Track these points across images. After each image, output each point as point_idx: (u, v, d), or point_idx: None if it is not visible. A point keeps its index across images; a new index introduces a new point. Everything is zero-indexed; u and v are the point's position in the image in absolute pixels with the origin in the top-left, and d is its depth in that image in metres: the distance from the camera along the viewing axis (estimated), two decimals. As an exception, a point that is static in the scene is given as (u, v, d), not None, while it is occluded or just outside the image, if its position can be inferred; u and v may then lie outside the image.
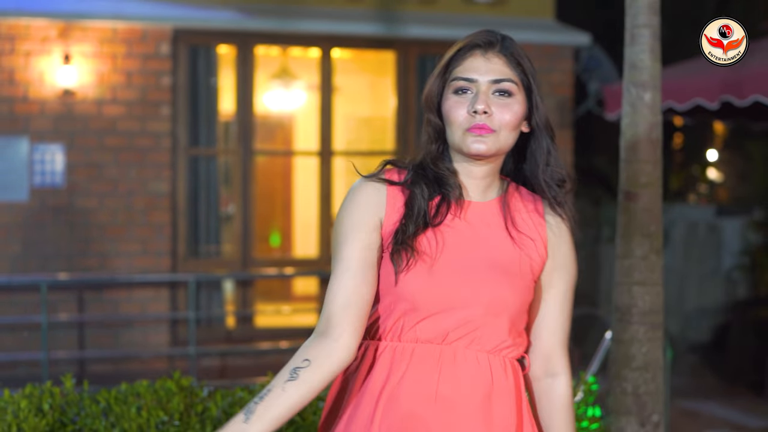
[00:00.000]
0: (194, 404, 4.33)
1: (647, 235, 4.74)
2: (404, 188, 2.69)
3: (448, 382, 2.61)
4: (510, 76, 2.65)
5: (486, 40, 2.64)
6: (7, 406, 4.16)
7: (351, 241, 2.64)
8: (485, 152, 2.64)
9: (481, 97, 2.60)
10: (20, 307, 9.58)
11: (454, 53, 2.67)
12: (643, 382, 4.76)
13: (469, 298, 2.62)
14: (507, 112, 2.64)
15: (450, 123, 2.65)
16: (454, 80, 2.64)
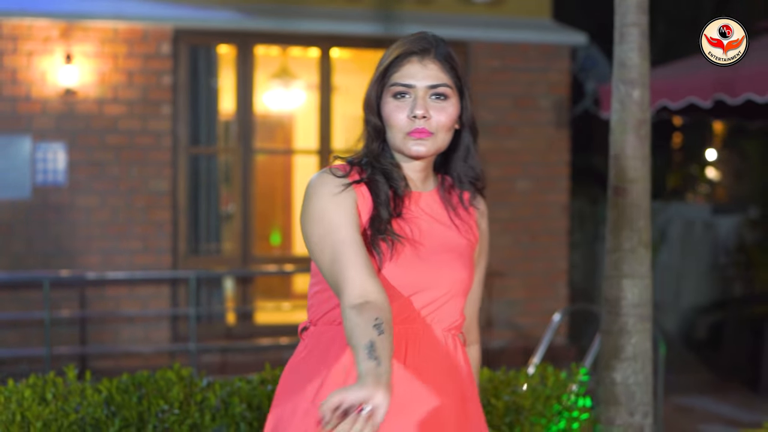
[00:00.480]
0: (194, 394, 4.44)
1: (636, 229, 4.85)
2: (365, 182, 2.85)
3: (415, 357, 2.79)
4: (445, 81, 2.82)
5: (422, 47, 2.81)
6: (12, 395, 4.27)
7: (346, 226, 2.77)
8: (425, 154, 2.84)
9: (420, 102, 2.78)
10: (23, 304, 9.66)
11: (393, 60, 2.82)
12: (633, 373, 4.87)
13: (433, 281, 2.82)
14: (443, 115, 2.82)
15: (391, 126, 2.82)
16: (393, 85, 2.81)
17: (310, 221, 2.81)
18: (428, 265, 2.83)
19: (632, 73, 4.84)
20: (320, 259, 2.80)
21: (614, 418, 4.91)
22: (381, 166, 2.87)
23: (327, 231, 2.77)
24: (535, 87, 11.10)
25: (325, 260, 2.78)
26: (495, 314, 10.94)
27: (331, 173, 2.84)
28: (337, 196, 2.80)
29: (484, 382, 4.85)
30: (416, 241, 2.84)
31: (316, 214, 2.80)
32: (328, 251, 2.76)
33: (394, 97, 2.83)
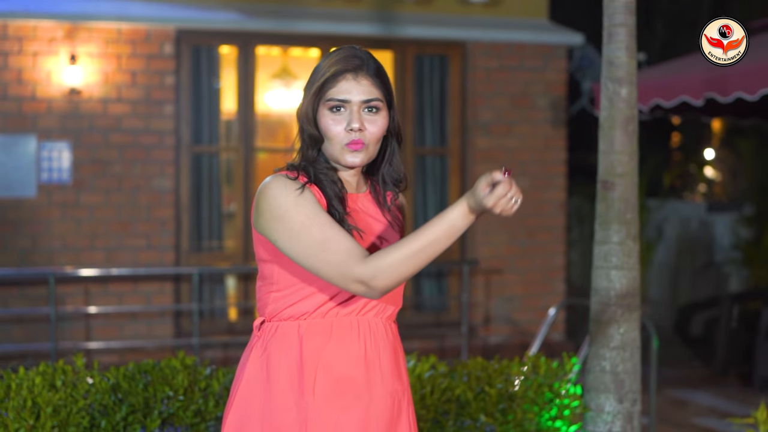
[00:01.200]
0: (197, 381, 4.61)
1: (624, 222, 5.02)
2: (314, 183, 3.06)
3: (371, 346, 3.06)
4: (377, 96, 3.05)
5: (356, 65, 3.02)
6: (23, 382, 4.44)
7: (321, 213, 2.97)
8: (359, 164, 3.07)
9: (356, 116, 3.01)
10: (28, 300, 9.80)
11: (329, 76, 3.03)
12: (621, 361, 5.04)
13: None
14: (375, 127, 3.06)
15: (330, 138, 3.05)
16: (330, 100, 3.02)
17: (278, 219, 2.98)
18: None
19: (620, 72, 5.01)
20: (297, 250, 2.96)
21: (604, 405, 5.08)
22: (319, 171, 3.08)
23: (306, 222, 2.95)
24: (533, 86, 11.23)
25: (307, 248, 2.95)
26: (493, 310, 11.08)
27: (285, 177, 3.04)
28: (301, 193, 2.99)
29: (478, 371, 5.02)
30: (365, 235, 3.09)
31: (286, 210, 2.97)
32: (312, 239, 2.94)
33: (330, 110, 3.05)
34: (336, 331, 3.04)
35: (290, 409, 3.00)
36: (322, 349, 3.02)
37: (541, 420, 5.11)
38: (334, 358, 3.02)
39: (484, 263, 10.93)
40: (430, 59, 11.14)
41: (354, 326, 3.06)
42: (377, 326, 3.10)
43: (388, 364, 3.11)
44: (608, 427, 5.09)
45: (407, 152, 10.93)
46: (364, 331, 3.07)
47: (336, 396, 3.00)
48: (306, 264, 2.96)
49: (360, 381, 3.03)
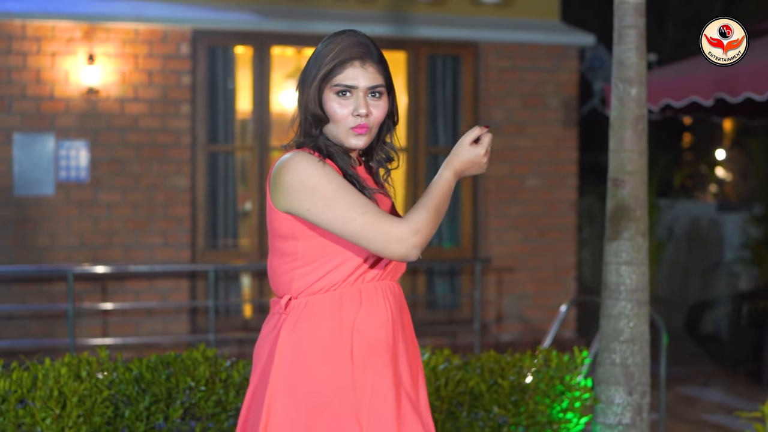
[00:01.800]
0: (218, 372, 4.74)
1: (633, 218, 5.13)
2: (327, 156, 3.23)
3: (394, 308, 3.27)
4: (381, 82, 3.23)
5: (362, 52, 3.19)
6: (49, 372, 4.57)
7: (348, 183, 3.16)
8: (363, 146, 3.25)
9: (362, 102, 3.19)
10: (46, 296, 9.93)
11: (336, 63, 3.18)
12: (631, 354, 5.16)
13: None
14: (379, 110, 3.25)
15: (336, 121, 3.21)
16: (337, 85, 3.18)
17: (311, 189, 3.11)
18: None
19: (630, 72, 5.12)
20: (334, 216, 3.11)
21: (614, 397, 5.20)
22: (329, 146, 3.25)
23: (339, 189, 3.12)
24: (544, 86, 11.33)
25: (344, 213, 3.10)
26: (505, 308, 11.19)
27: (303, 152, 3.19)
28: (323, 165, 3.15)
29: (491, 364, 5.14)
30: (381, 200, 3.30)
31: (318, 181, 3.12)
32: (349, 204, 3.10)
33: (337, 95, 3.21)
34: (365, 298, 3.21)
35: (329, 377, 3.14)
36: (354, 316, 3.18)
37: (552, 412, 5.23)
38: (366, 324, 3.19)
39: (497, 261, 11.04)
40: (443, 59, 11.26)
41: (379, 291, 3.24)
42: (395, 289, 3.31)
43: (407, 324, 3.33)
44: (618, 419, 5.21)
45: (420, 151, 11.05)
46: (387, 295, 3.25)
47: (371, 359, 3.18)
48: (344, 230, 3.10)
49: (389, 343, 3.22)
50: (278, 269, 3.28)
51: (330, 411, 3.13)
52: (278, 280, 3.28)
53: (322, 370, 3.15)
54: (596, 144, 13.70)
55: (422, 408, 3.34)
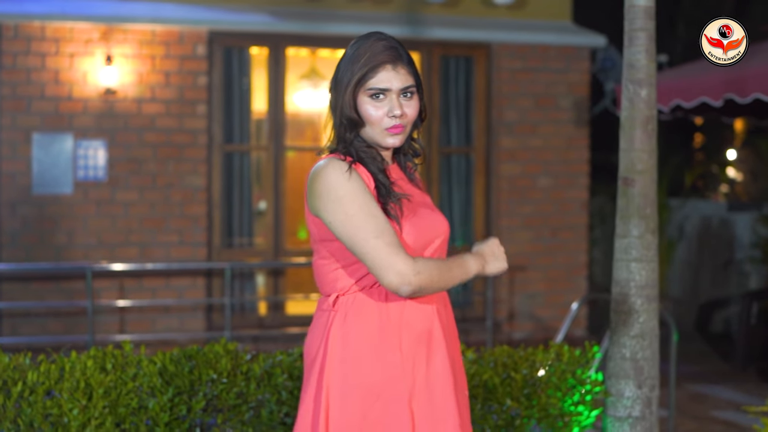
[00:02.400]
0: (240, 365, 4.88)
1: (643, 216, 5.26)
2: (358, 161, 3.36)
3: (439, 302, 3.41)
4: (412, 83, 3.35)
5: (393, 56, 3.31)
6: (75, 365, 4.71)
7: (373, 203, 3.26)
8: (398, 145, 3.39)
9: (396, 103, 3.31)
10: (64, 294, 10.08)
11: (369, 67, 3.30)
12: (640, 349, 5.28)
13: (439, 229, 3.43)
14: (411, 109, 3.37)
15: (371, 123, 3.33)
16: (371, 89, 3.30)
17: (335, 201, 3.25)
18: (432, 219, 3.41)
19: (640, 74, 5.25)
20: (349, 233, 3.24)
21: (623, 390, 5.33)
22: (360, 150, 3.38)
23: (362, 209, 3.23)
24: (556, 87, 11.45)
25: (359, 233, 3.22)
26: (516, 306, 11.31)
27: (337, 160, 3.32)
28: (351, 179, 3.26)
29: (504, 358, 5.27)
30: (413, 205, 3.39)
31: (344, 195, 3.24)
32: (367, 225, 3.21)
33: (371, 98, 3.33)
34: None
35: (379, 369, 3.27)
36: (402, 310, 3.31)
37: (564, 405, 5.36)
38: (414, 316, 3.32)
39: (509, 260, 11.08)
40: (456, 60, 11.37)
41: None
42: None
43: (451, 316, 3.47)
44: (628, 412, 5.34)
45: (433, 151, 11.17)
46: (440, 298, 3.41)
47: (419, 350, 3.31)
48: (354, 247, 3.22)
49: (436, 334, 3.34)
50: (322, 269, 3.41)
51: (382, 401, 3.27)
52: (324, 279, 3.42)
53: (372, 363, 3.28)
54: (608, 144, 13.81)
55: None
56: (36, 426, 4.61)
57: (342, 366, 3.30)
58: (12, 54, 10.04)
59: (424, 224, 3.37)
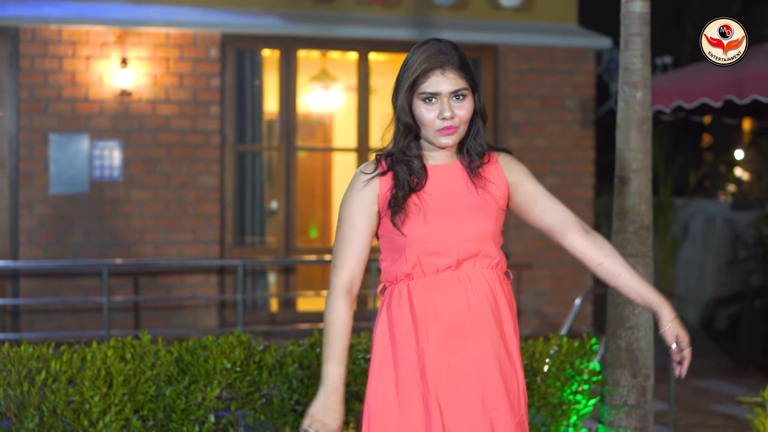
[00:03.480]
0: (252, 355, 5.12)
1: (639, 213, 5.49)
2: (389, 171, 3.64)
3: (473, 294, 3.57)
4: (462, 85, 3.54)
5: (442, 61, 3.52)
6: (96, 354, 4.95)
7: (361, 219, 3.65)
8: (451, 144, 3.61)
9: (446, 106, 3.52)
10: (80, 291, 10.32)
11: (419, 74, 3.54)
12: (635, 340, 5.51)
13: (460, 232, 3.58)
14: (463, 111, 3.57)
15: (425, 125, 3.57)
16: (423, 93, 3.54)
17: (342, 207, 3.66)
18: (451, 222, 3.59)
19: (636, 77, 5.47)
20: (336, 234, 3.66)
21: (620, 379, 5.55)
22: (405, 157, 3.64)
23: (342, 223, 3.63)
24: (562, 88, 11.64)
25: (337, 237, 3.65)
26: (524, 303, 11.50)
27: (362, 171, 3.66)
28: (361, 191, 3.62)
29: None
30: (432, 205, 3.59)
31: (345, 203, 3.65)
32: (337, 239, 3.65)
33: (423, 101, 3.56)
34: (442, 285, 3.56)
35: (410, 356, 3.55)
36: (430, 302, 3.55)
37: (562, 394, 5.59)
38: (442, 309, 3.54)
39: (516, 258, 11.35)
40: (464, 62, 11.51)
41: (454, 279, 3.56)
42: (477, 277, 3.59)
43: (488, 310, 3.58)
44: (624, 400, 5.56)
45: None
46: (465, 283, 3.57)
47: (446, 341, 3.52)
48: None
49: (466, 326, 3.54)
50: (380, 262, 3.74)
51: (411, 388, 3.54)
52: (381, 269, 3.75)
53: (402, 348, 3.57)
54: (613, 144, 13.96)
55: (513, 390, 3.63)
56: (59, 412, 4.85)
57: (381, 351, 3.62)
58: (30, 57, 10.26)
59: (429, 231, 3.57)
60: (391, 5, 11.34)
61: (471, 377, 3.52)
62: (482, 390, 3.52)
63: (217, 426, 5.12)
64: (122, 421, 4.89)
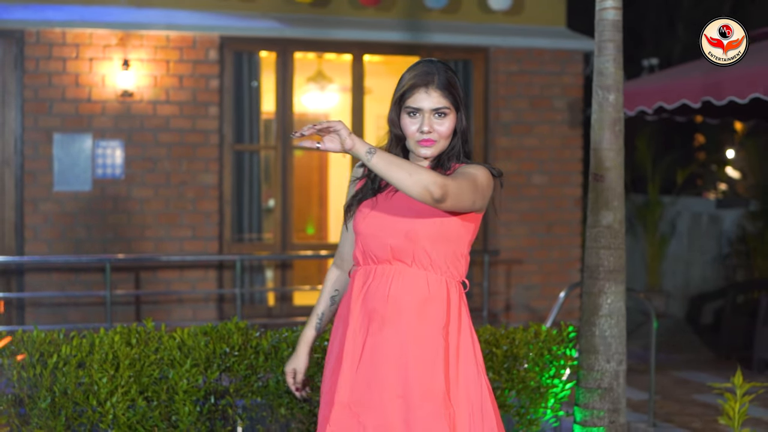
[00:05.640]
0: (250, 340, 5.48)
1: (611, 208, 5.84)
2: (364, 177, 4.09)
3: (397, 287, 3.90)
4: (444, 104, 3.90)
5: (427, 81, 3.89)
6: (104, 339, 5.31)
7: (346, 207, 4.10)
8: (430, 155, 3.96)
9: (426, 121, 3.90)
10: (83, 285, 10.60)
11: (406, 89, 3.91)
12: (608, 327, 5.87)
13: (392, 231, 3.92)
14: (443, 127, 3.93)
15: (408, 136, 3.95)
16: (407, 107, 3.92)
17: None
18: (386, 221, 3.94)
19: (608, 80, 5.82)
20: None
21: (593, 364, 5.91)
22: None
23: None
24: (551, 89, 11.94)
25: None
26: (513, 298, 11.81)
27: (356, 167, 4.13)
28: (350, 187, 4.15)
29: (487, 335, 5.87)
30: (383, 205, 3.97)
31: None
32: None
33: (408, 115, 3.94)
34: (375, 276, 3.92)
35: (339, 335, 3.99)
36: (362, 289, 3.94)
37: (541, 378, 5.95)
38: (368, 295, 3.92)
39: (505, 254, 11.65)
40: (455, 64, 11.85)
41: (386, 272, 3.91)
42: (408, 273, 3.89)
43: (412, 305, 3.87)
44: (597, 383, 5.91)
45: (433, 150, 11.64)
46: (392, 277, 3.90)
47: (366, 325, 3.90)
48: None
49: (387, 316, 3.87)
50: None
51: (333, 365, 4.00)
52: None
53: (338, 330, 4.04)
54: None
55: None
56: (69, 393, 5.20)
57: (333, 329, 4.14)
58: (34, 59, 10.55)
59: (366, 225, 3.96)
60: (385, 8, 11.62)
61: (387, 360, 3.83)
62: (391, 376, 3.82)
63: (216, 407, 5.47)
64: (128, 402, 5.25)
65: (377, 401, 3.81)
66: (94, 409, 5.23)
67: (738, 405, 5.69)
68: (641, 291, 13.58)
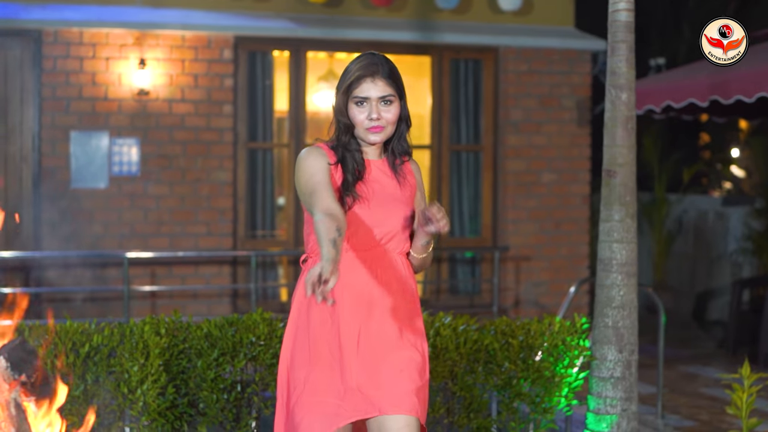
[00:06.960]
0: (275, 330, 5.65)
1: (624, 203, 6.03)
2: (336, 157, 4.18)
3: (383, 270, 4.16)
4: (389, 92, 4.13)
5: (372, 71, 4.12)
6: (134, 329, 5.49)
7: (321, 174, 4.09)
8: (378, 141, 4.20)
9: (374, 109, 4.12)
10: (99, 281, 10.76)
11: (353, 80, 4.12)
12: (621, 318, 6.06)
13: (390, 219, 4.18)
14: (389, 114, 4.15)
15: (357, 124, 4.15)
16: (355, 98, 4.12)
17: (300, 175, 4.13)
18: (382, 209, 4.17)
19: (621, 80, 6.00)
20: (304, 198, 4.12)
21: (606, 354, 6.10)
22: (349, 152, 4.19)
23: (310, 177, 4.09)
24: (559, 89, 12.09)
25: (307, 196, 4.08)
26: (522, 294, 11.97)
27: (315, 148, 4.20)
28: (317, 159, 4.12)
29: (503, 326, 6.05)
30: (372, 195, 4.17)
31: (305, 170, 4.13)
32: (310, 189, 4.07)
33: (356, 104, 4.14)
34: (366, 261, 4.13)
35: (324, 318, 4.09)
36: (351, 274, 4.11)
37: (555, 368, 6.13)
38: (356, 278, 4.11)
39: (514, 251, 11.80)
40: (465, 63, 12.04)
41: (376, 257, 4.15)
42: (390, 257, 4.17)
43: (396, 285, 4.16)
44: (610, 373, 6.10)
45: (444, 148, 11.83)
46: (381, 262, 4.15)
47: (357, 309, 4.08)
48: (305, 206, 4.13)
49: (374, 297, 4.11)
50: (305, 235, 4.31)
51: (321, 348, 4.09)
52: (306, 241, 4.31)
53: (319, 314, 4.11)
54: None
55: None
56: (101, 381, 5.39)
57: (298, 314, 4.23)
58: (52, 58, 10.71)
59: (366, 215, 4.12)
60: (395, 9, 11.75)
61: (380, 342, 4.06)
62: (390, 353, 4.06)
63: (242, 395, 5.65)
64: (158, 390, 5.43)
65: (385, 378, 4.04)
66: (125, 397, 5.41)
67: (746, 395, 5.86)
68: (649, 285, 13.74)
